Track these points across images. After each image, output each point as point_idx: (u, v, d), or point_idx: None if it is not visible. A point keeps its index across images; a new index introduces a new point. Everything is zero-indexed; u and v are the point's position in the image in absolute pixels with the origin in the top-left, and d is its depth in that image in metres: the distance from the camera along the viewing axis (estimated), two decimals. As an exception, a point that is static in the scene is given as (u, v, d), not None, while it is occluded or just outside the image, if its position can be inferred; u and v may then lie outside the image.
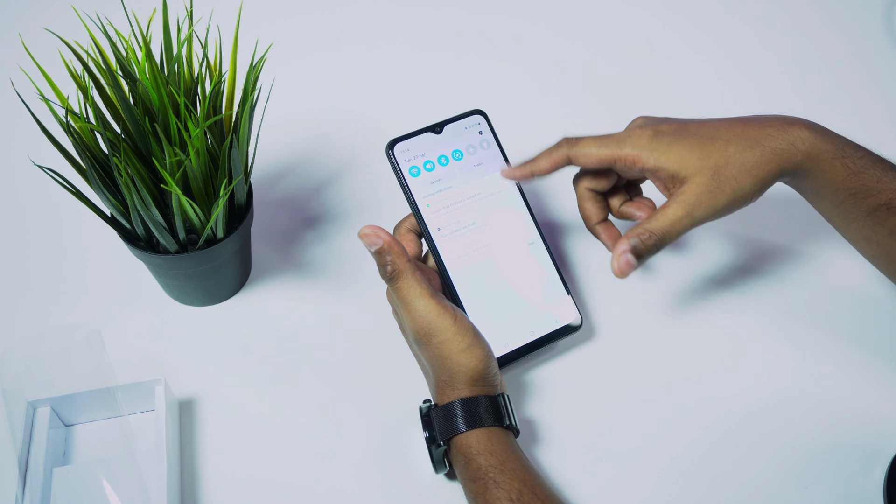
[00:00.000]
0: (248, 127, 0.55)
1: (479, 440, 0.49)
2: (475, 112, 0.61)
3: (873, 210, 0.52)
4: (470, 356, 0.51)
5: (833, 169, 0.52)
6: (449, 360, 0.51)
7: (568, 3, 0.91)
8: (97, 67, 0.52)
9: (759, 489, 0.54)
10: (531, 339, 0.57)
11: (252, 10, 0.73)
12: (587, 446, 0.56)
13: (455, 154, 0.59)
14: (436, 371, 0.52)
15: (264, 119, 0.67)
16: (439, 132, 0.59)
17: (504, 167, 0.60)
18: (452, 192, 0.58)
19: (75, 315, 0.64)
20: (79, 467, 0.53)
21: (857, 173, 0.52)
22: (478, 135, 0.60)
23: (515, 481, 0.48)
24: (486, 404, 0.51)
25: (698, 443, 0.56)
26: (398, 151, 0.58)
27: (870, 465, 0.55)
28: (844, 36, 0.87)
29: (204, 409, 0.58)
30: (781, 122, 0.53)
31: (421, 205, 0.57)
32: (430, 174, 0.58)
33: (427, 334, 0.51)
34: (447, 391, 0.52)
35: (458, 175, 0.59)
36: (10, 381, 0.54)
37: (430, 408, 0.52)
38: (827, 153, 0.52)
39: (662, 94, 0.81)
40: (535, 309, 0.58)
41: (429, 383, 0.55)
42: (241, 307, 0.65)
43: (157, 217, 0.53)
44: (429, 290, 0.52)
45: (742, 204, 0.52)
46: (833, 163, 0.52)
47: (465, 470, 0.49)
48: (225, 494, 0.54)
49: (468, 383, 0.51)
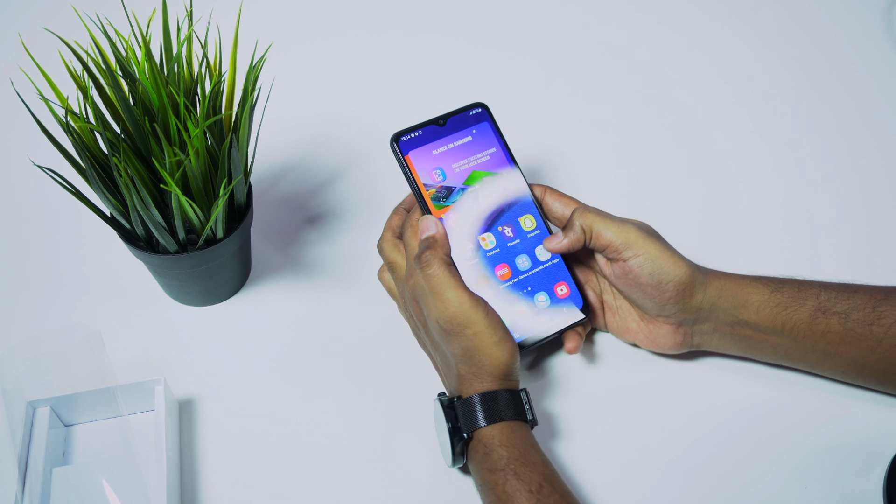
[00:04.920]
0: (248, 127, 0.55)
1: (502, 433, 0.50)
2: (477, 105, 0.61)
3: (812, 319, 0.53)
4: (502, 349, 0.51)
5: (756, 289, 0.54)
6: (480, 353, 0.51)
7: (568, 4, 0.91)
8: (97, 67, 0.52)
9: (759, 489, 0.54)
10: (549, 334, 0.57)
11: (252, 10, 0.73)
12: (600, 442, 0.56)
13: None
14: (462, 362, 0.52)
15: (264, 119, 0.67)
16: (443, 124, 0.59)
17: (508, 167, 0.60)
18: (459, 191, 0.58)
19: (75, 315, 0.64)
20: (79, 467, 0.53)
21: (778, 289, 0.54)
22: (480, 127, 0.60)
23: (536, 475, 0.48)
24: (508, 398, 0.51)
25: (699, 443, 0.56)
26: (405, 146, 0.58)
27: (870, 465, 0.55)
28: (844, 36, 0.87)
29: (204, 409, 0.58)
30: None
31: (426, 195, 0.58)
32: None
33: (460, 325, 0.52)
34: (473, 383, 0.52)
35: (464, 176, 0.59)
36: (10, 381, 0.54)
37: (453, 400, 0.52)
38: (744, 279, 0.55)
39: (662, 95, 0.81)
40: (545, 301, 0.58)
41: (446, 375, 0.55)
42: (241, 307, 0.65)
43: (156, 217, 0.53)
44: (462, 281, 0.53)
45: (649, 299, 0.55)
46: (754, 283, 0.55)
47: (486, 461, 0.49)
48: (225, 494, 0.54)
49: (495, 377, 0.51)
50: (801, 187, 0.73)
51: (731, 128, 0.78)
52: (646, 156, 0.76)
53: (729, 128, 0.78)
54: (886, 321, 0.52)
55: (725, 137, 0.77)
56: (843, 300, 0.53)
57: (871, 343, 0.52)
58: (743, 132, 0.77)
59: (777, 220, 0.70)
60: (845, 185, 0.73)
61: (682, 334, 0.57)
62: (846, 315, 0.53)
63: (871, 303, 0.53)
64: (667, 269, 0.54)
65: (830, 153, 0.75)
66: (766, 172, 0.74)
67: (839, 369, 0.55)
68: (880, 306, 0.52)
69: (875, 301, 0.53)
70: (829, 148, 0.76)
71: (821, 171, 0.74)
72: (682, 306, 0.55)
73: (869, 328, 0.52)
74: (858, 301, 0.53)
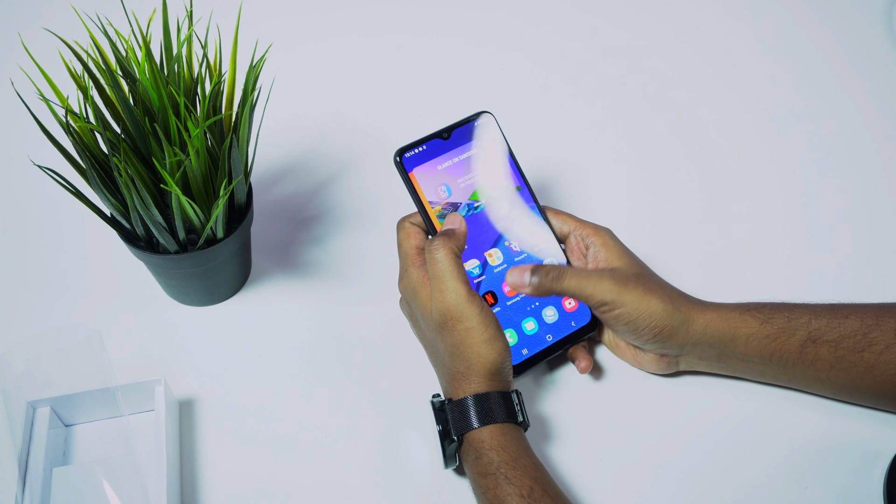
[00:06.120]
0: (248, 127, 0.55)
1: (493, 435, 0.50)
2: (481, 113, 0.60)
3: (801, 349, 0.53)
4: (491, 348, 0.51)
5: (744, 323, 0.54)
6: (470, 350, 0.51)
7: (568, 5, 0.91)
8: (97, 67, 0.52)
9: (759, 489, 0.54)
10: (550, 344, 0.58)
11: (252, 10, 0.73)
12: (595, 443, 0.56)
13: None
14: (453, 360, 0.52)
15: (264, 119, 0.67)
16: (447, 137, 0.59)
17: (514, 178, 0.59)
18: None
19: (75, 315, 0.64)
20: (79, 467, 0.53)
21: (767, 321, 0.54)
22: (485, 138, 0.59)
23: (527, 478, 0.48)
24: (500, 400, 0.51)
25: (698, 444, 0.56)
26: (409, 162, 0.57)
27: (870, 465, 0.55)
28: (844, 36, 0.87)
29: (204, 409, 0.58)
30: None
31: (431, 213, 0.57)
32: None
33: (453, 318, 0.51)
34: (462, 384, 0.51)
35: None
36: (10, 381, 0.54)
37: (444, 402, 0.52)
38: (732, 311, 0.55)
39: (662, 95, 0.81)
40: (553, 315, 0.58)
41: (440, 376, 0.55)
42: (241, 307, 0.65)
43: (157, 217, 0.53)
44: (465, 276, 0.53)
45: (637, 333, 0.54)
46: (742, 316, 0.54)
47: (477, 464, 0.49)
48: (225, 494, 0.54)
49: (484, 376, 0.51)
50: (801, 187, 0.73)
51: (731, 128, 0.78)
52: (646, 157, 0.76)
53: (729, 128, 0.78)
54: (877, 347, 0.52)
55: (725, 138, 0.77)
56: (834, 328, 0.53)
57: (862, 369, 0.53)
58: (743, 132, 0.77)
59: (777, 220, 0.70)
60: (845, 184, 0.73)
61: (667, 362, 0.57)
62: (837, 343, 0.53)
63: (862, 329, 0.53)
64: (643, 317, 0.53)
65: (830, 153, 0.75)
66: (766, 172, 0.74)
67: (830, 392, 0.56)
68: (871, 333, 0.52)
69: (866, 327, 0.53)
70: (828, 148, 0.76)
71: (821, 171, 0.74)
72: (661, 346, 0.55)
73: (860, 355, 0.52)
74: (849, 328, 0.53)
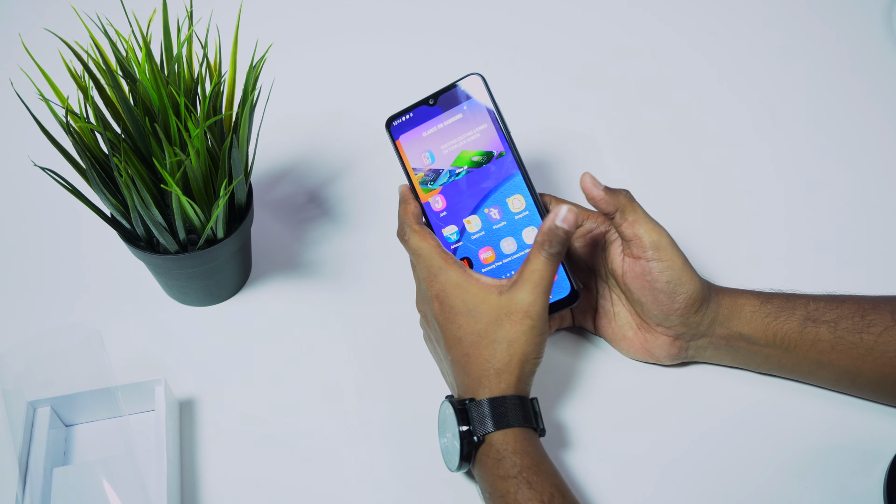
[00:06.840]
0: (248, 127, 0.55)
1: (516, 439, 0.49)
2: (470, 75, 0.58)
3: (802, 328, 0.54)
4: (540, 349, 0.51)
5: (747, 300, 0.55)
6: (521, 345, 0.51)
7: (568, 4, 0.91)
8: (97, 67, 0.52)
9: (759, 489, 0.54)
10: None
11: (252, 10, 0.73)
12: (592, 443, 0.56)
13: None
14: (495, 353, 0.51)
15: (264, 119, 0.67)
16: (433, 104, 0.58)
17: (500, 144, 0.58)
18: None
19: (75, 315, 0.64)
20: (79, 467, 0.53)
21: (767, 300, 0.55)
22: (472, 102, 0.58)
23: (548, 485, 0.47)
24: (518, 404, 0.50)
25: (699, 444, 0.56)
26: (396, 130, 0.58)
27: (870, 465, 0.55)
28: (844, 36, 0.87)
29: (204, 409, 0.58)
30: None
31: (415, 180, 0.58)
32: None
33: (521, 311, 0.51)
34: (493, 381, 0.50)
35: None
36: (10, 381, 0.54)
37: (467, 402, 0.51)
38: (735, 291, 0.56)
39: (663, 95, 0.81)
40: None
41: (463, 373, 0.52)
42: (241, 307, 0.65)
43: (157, 217, 0.53)
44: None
45: (660, 307, 0.55)
46: (745, 294, 0.56)
47: (497, 467, 0.48)
48: (225, 494, 0.54)
49: (518, 377, 0.50)
50: (801, 185, 0.73)
51: (731, 127, 0.78)
52: (646, 154, 0.76)
53: (729, 127, 0.78)
54: (876, 329, 0.52)
55: (725, 137, 0.77)
56: (832, 309, 0.54)
57: (862, 351, 0.53)
58: (743, 131, 0.77)
59: (778, 220, 0.70)
60: (845, 183, 0.73)
61: (678, 347, 0.57)
62: (835, 324, 0.53)
63: (859, 312, 0.53)
64: (684, 281, 0.54)
65: (830, 153, 0.75)
66: (766, 171, 0.74)
67: (831, 378, 0.56)
68: (869, 315, 0.53)
69: (863, 310, 0.53)
70: (828, 147, 0.76)
71: (821, 171, 0.74)
72: (685, 320, 0.55)
73: (859, 336, 0.53)
74: (847, 310, 0.53)
